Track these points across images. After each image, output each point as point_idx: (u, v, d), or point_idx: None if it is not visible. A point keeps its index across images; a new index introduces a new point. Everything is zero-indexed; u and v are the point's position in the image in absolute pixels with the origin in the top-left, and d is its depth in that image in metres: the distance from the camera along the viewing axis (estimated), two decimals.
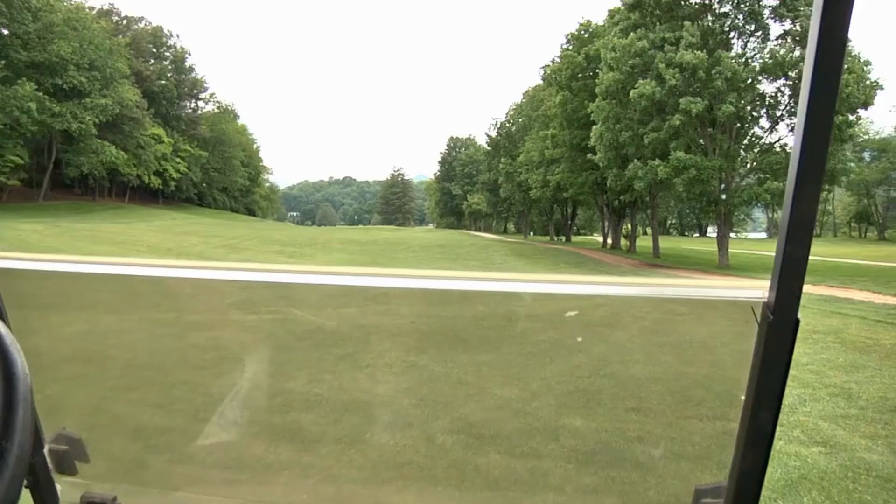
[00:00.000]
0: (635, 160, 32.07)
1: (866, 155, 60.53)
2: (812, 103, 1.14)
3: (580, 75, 40.80)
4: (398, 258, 39.60)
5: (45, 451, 1.84)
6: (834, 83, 1.14)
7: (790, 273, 1.25)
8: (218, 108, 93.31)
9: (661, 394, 3.00)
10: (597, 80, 34.67)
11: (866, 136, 58.48)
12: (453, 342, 3.87)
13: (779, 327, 1.28)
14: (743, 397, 1.40)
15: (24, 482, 1.18)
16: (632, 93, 30.97)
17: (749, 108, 31.67)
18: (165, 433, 2.74)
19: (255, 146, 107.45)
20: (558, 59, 43.28)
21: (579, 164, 41.30)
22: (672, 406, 2.90)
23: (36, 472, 1.76)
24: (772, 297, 1.29)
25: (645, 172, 31.25)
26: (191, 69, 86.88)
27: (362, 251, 41.90)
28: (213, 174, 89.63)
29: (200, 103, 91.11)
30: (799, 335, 1.29)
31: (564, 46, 42.66)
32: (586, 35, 42.06)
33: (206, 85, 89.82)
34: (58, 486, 1.83)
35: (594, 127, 34.58)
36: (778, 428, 1.43)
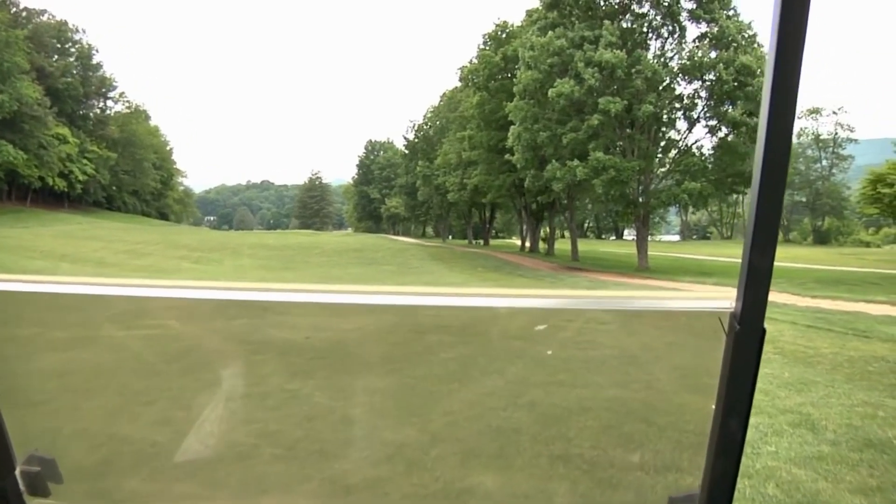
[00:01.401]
0: (554, 161, 30.98)
1: None
2: (772, 115, 1.19)
3: (498, 76, 39.56)
4: (310, 263, 38.00)
5: (17, 472, 1.79)
6: (793, 96, 1.18)
7: (755, 282, 1.30)
8: (128, 108, 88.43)
9: (592, 431, 2.67)
10: (514, 80, 33.46)
11: None
12: (349, 362, 3.03)
13: (746, 336, 1.32)
14: (713, 407, 1.43)
15: None
16: (550, 92, 29.94)
17: (667, 109, 31.09)
18: None
19: (167, 148, 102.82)
20: (476, 60, 41.92)
21: (497, 167, 40.04)
22: (608, 450, 2.59)
23: (7, 495, 1.71)
24: (738, 306, 1.33)
25: (563, 173, 30.18)
26: (98, 66, 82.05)
27: (273, 256, 40.07)
28: (123, 177, 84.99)
29: (109, 103, 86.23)
30: None
31: (482, 46, 41.33)
32: (503, 35, 40.87)
33: (114, 84, 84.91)
34: None
35: (512, 127, 33.39)
36: (748, 483, 1.85)
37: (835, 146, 64.55)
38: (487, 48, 40.77)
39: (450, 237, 72.51)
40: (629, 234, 67.41)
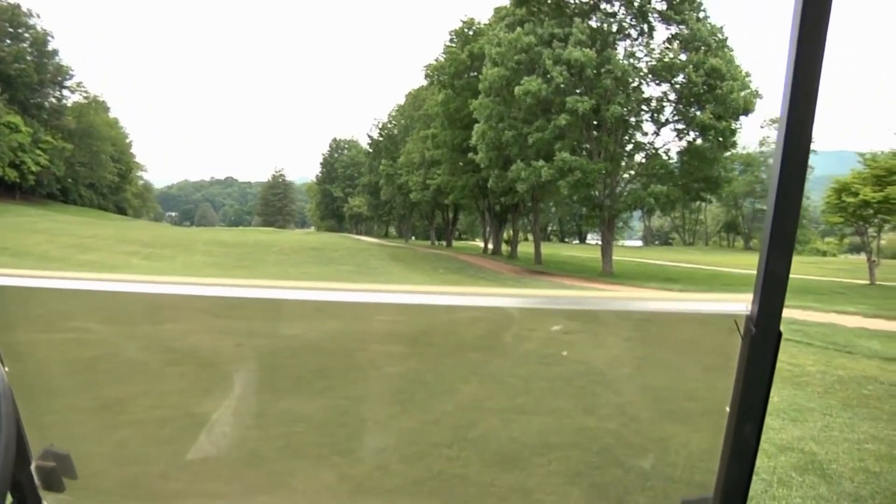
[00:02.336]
0: (518, 161, 29.85)
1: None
2: (791, 121, 1.17)
3: (464, 74, 38.31)
4: (266, 261, 36.49)
5: (32, 467, 1.79)
6: (812, 102, 1.16)
7: (772, 286, 1.27)
8: (86, 98, 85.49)
9: (559, 479, 2.21)
10: (480, 78, 32.27)
11: (734, 151, 60.30)
12: (276, 377, 2.53)
13: (761, 340, 1.31)
14: (727, 409, 1.43)
15: (11, 499, 1.15)
16: (517, 90, 28.84)
17: (635, 111, 30.29)
18: None
19: (127, 141, 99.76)
20: (442, 58, 40.64)
21: (460, 167, 38.84)
22: None
23: (23, 489, 1.70)
24: (754, 310, 1.31)
25: (528, 174, 29.09)
26: (54, 53, 79.06)
27: (228, 254, 38.40)
28: (79, 169, 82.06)
29: (66, 92, 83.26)
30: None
31: (448, 44, 40.05)
32: (471, 33, 39.64)
33: (71, 72, 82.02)
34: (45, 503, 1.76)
35: (476, 125, 32.18)
36: None
37: None
38: (454, 45, 39.49)
39: (413, 238, 71.28)
40: (592, 239, 66.90)
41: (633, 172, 31.64)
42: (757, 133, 64.19)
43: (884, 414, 7.32)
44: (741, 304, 1.37)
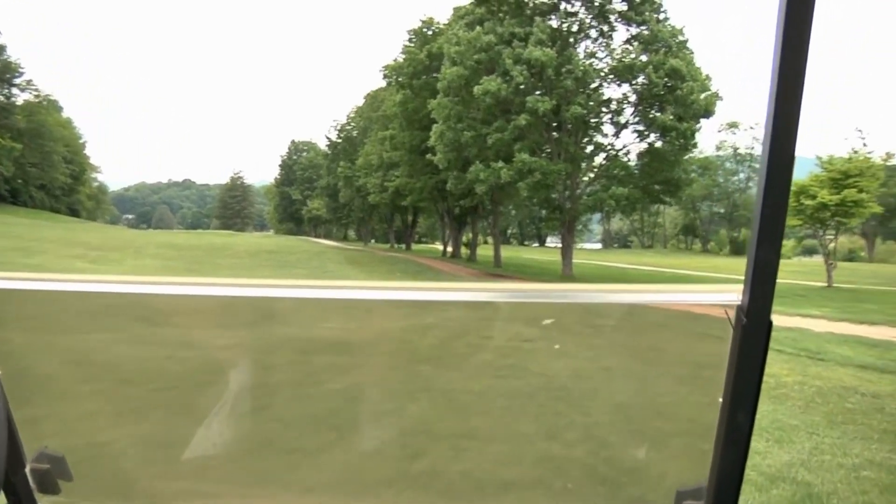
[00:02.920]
0: (477, 162, 29.07)
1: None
2: (778, 111, 1.18)
3: (423, 74, 37.36)
4: (219, 265, 35.26)
5: (27, 470, 1.78)
6: (798, 93, 1.18)
7: (762, 277, 1.29)
8: (36, 97, 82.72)
9: None
10: (439, 78, 31.39)
11: (692, 155, 60.60)
12: (197, 397, 2.42)
13: (753, 330, 1.32)
14: (720, 399, 1.42)
15: (6, 503, 1.11)
16: (476, 89, 28.06)
17: (595, 112, 29.75)
18: None
19: (81, 141, 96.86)
20: (401, 58, 39.66)
21: (419, 168, 37.81)
22: None
23: (17, 492, 1.71)
24: (745, 300, 1.32)
25: (487, 175, 28.32)
26: (1, 49, 76.41)
27: (180, 257, 37.06)
28: (29, 170, 79.15)
29: (15, 90, 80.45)
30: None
31: (407, 43, 39.09)
32: (430, 32, 38.76)
33: (21, 70, 79.35)
34: None
35: (434, 126, 31.28)
36: None
37: (751, 160, 65.04)
38: (413, 45, 38.58)
39: (372, 241, 70.27)
40: (552, 242, 66.60)
41: (593, 174, 31.12)
42: (714, 137, 64.33)
43: (874, 432, 6.64)
44: (732, 294, 1.38)
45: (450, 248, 46.03)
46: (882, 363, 10.53)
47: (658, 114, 28.03)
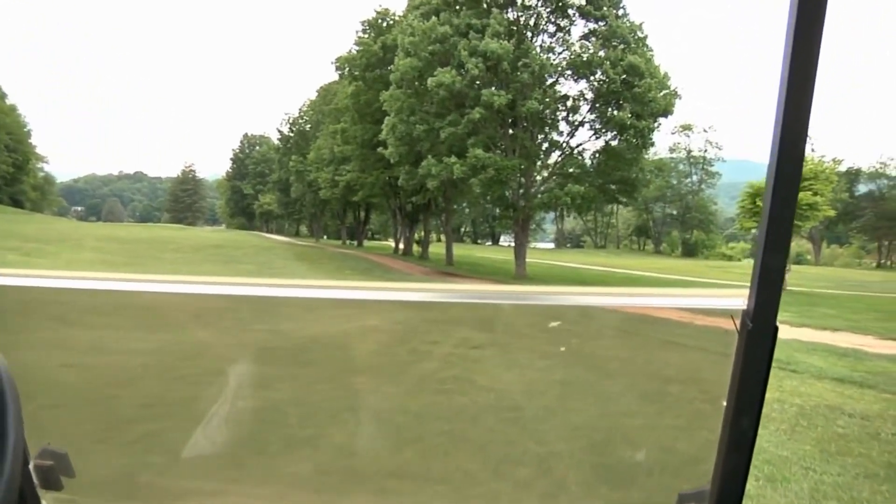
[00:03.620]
0: (430, 157, 27.87)
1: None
2: (786, 115, 1.16)
3: (376, 66, 35.90)
4: (161, 259, 33.49)
5: (31, 466, 1.76)
6: (808, 97, 1.15)
7: (768, 281, 1.27)
8: None
9: None
10: (391, 68, 30.09)
11: (647, 157, 60.74)
12: (87, 417, 2.19)
13: (758, 334, 1.30)
14: (724, 403, 1.41)
15: None
16: (429, 81, 26.86)
17: (551, 108, 28.91)
18: None
19: (25, 129, 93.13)
20: (355, 50, 38.15)
21: (371, 163, 36.44)
22: None
23: (21, 488, 1.47)
24: (751, 305, 1.31)
25: (440, 170, 27.22)
26: None
27: (120, 251, 35.08)
28: None
29: None
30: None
31: (360, 34, 37.58)
32: (384, 24, 37.31)
33: None
34: (43, 503, 1.76)
35: (386, 118, 29.95)
36: None
37: (704, 162, 65.42)
38: (367, 36, 37.11)
39: (325, 237, 68.74)
40: (505, 240, 65.84)
41: (546, 173, 30.20)
42: (668, 139, 64.25)
43: (877, 466, 5.60)
44: (738, 299, 1.37)
45: (402, 246, 44.86)
46: (859, 376, 9.63)
47: (615, 111, 27.22)
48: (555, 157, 30.52)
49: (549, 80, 28.64)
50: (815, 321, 16.22)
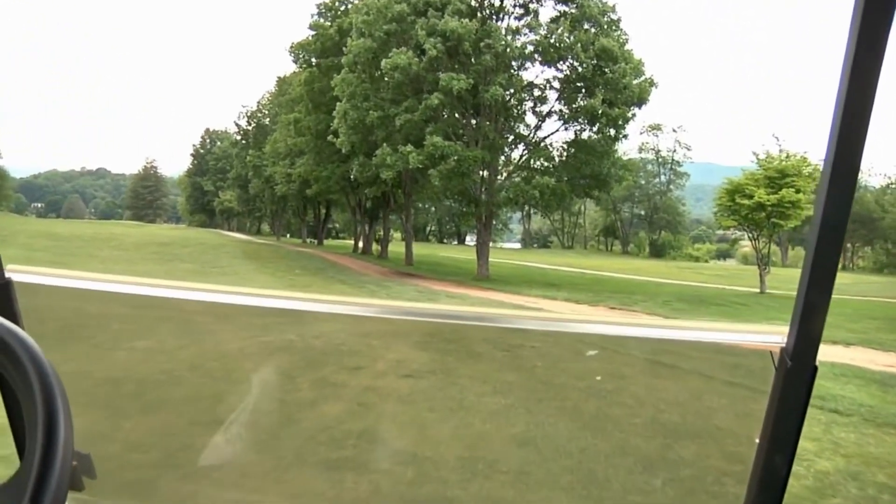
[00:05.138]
0: (385, 145, 25.06)
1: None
2: (839, 149, 1.12)
3: (331, 52, 32.89)
4: (96, 257, 30.80)
5: None
6: (863, 133, 1.11)
7: (810, 319, 1.25)
8: None
9: None
10: (344, 49, 27.26)
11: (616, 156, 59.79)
12: None
13: (797, 372, 1.28)
14: (756, 440, 1.39)
15: None
16: (384, 63, 24.15)
17: (517, 97, 26.43)
18: None
19: None
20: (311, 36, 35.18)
21: (326, 155, 33.42)
22: None
23: None
24: (790, 342, 1.29)
25: (395, 160, 24.47)
26: None
27: (52, 248, 32.25)
28: None
29: None
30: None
31: (315, 18, 34.56)
32: (341, 7, 34.34)
33: None
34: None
35: (338, 104, 27.08)
36: None
37: (673, 163, 64.12)
38: (322, 20, 34.10)
39: (287, 235, 65.82)
40: (471, 240, 63.79)
41: (512, 166, 27.71)
42: (636, 139, 62.50)
43: None
44: (776, 336, 1.35)
45: (361, 244, 42.14)
46: None
47: (587, 98, 24.74)
48: (521, 149, 28.07)
49: (516, 66, 26.22)
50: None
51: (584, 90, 25.37)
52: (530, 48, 25.44)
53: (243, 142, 58.43)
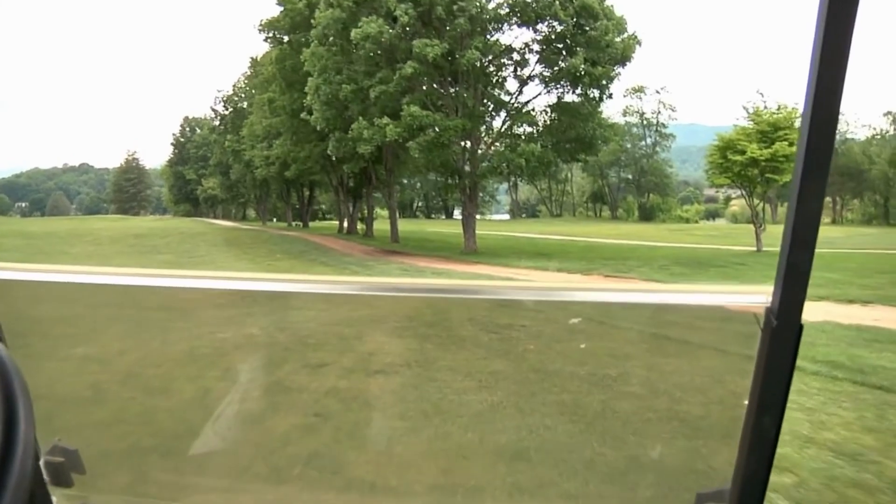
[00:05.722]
0: (361, 118, 23.82)
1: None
2: (815, 114, 1.12)
3: (302, 28, 31.37)
4: (67, 254, 29.57)
5: (41, 463, 1.73)
6: (837, 96, 1.11)
7: (794, 278, 1.24)
8: None
9: None
10: (312, 20, 25.88)
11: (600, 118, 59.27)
12: None
13: (783, 332, 1.27)
14: (746, 402, 1.38)
15: None
16: (353, 33, 22.76)
17: (496, 60, 25.28)
18: None
19: None
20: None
21: (303, 135, 32.12)
22: None
23: (31, 485, 1.36)
24: (775, 302, 1.29)
25: (372, 133, 23.23)
26: None
27: (23, 247, 31.14)
28: None
29: None
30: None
31: None
32: None
33: None
34: (53, 499, 1.69)
35: (309, 79, 25.77)
36: None
37: (658, 125, 63.15)
38: None
39: (273, 220, 64.65)
40: (459, 214, 62.96)
41: (495, 134, 26.47)
42: (620, 102, 61.43)
43: None
44: (761, 295, 1.33)
45: (346, 224, 40.90)
46: None
47: (569, 59, 23.51)
48: (503, 117, 26.86)
49: (492, 29, 24.90)
50: (829, 290, 12.63)
51: (564, 51, 24.17)
52: (506, 9, 24.16)
53: (221, 127, 56.94)
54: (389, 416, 2.86)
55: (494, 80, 26.57)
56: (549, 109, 25.88)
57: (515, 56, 25.81)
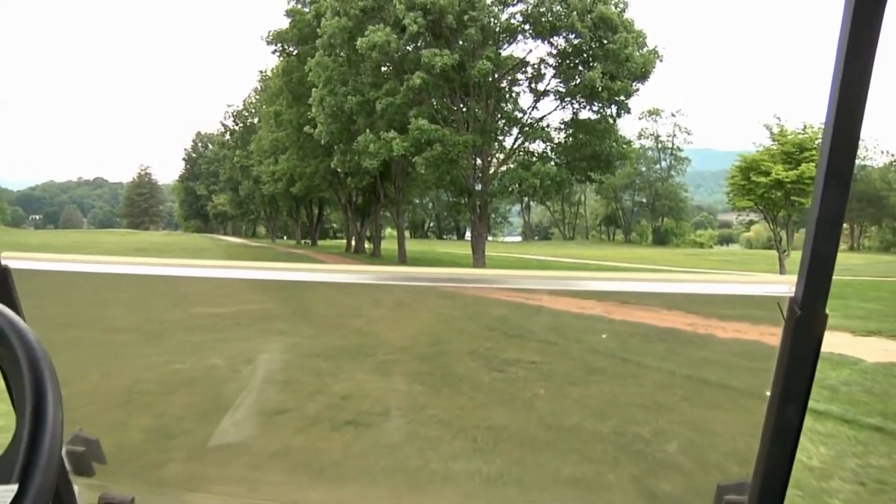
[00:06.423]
0: (367, 131, 22.67)
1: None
2: (842, 98, 1.11)
3: (310, 39, 30.36)
4: None
5: (63, 452, 1.64)
6: (865, 84, 1.10)
7: (818, 268, 1.23)
8: None
9: None
10: (318, 31, 24.78)
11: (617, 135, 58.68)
12: None
13: (806, 322, 1.25)
14: (768, 393, 1.37)
15: None
16: (359, 42, 21.65)
17: (508, 73, 24.28)
18: None
19: None
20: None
21: (309, 150, 30.97)
22: None
23: None
24: (799, 292, 1.27)
25: (378, 147, 22.02)
26: None
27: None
28: None
29: None
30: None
31: (291, 3, 31.88)
32: None
33: None
34: (75, 488, 1.67)
35: (314, 90, 24.60)
36: None
37: (674, 148, 62.32)
38: (298, 4, 31.52)
39: (283, 237, 63.78)
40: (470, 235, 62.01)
41: (507, 152, 25.38)
42: (635, 125, 60.67)
43: None
44: (784, 286, 1.31)
45: (354, 243, 39.64)
46: None
47: (586, 71, 22.34)
48: (515, 133, 25.70)
49: (504, 41, 23.89)
50: (877, 324, 11.12)
51: (581, 65, 22.99)
52: (520, 19, 23.01)
53: (231, 143, 56.15)
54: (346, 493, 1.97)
55: (507, 96, 25.57)
56: (563, 126, 24.66)
57: (529, 70, 24.77)
